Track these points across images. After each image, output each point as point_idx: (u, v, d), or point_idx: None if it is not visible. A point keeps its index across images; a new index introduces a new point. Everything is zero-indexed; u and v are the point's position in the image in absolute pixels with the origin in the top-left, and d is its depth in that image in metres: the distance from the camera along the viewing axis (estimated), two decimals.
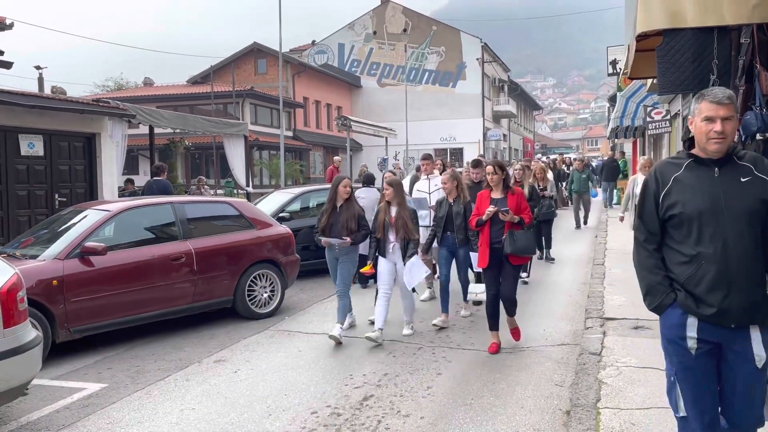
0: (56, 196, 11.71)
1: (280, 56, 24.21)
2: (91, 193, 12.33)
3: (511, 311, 6.36)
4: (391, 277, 6.85)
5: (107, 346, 6.84)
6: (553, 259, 11.62)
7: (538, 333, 6.93)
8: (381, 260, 6.89)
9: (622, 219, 10.62)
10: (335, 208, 6.94)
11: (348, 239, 6.78)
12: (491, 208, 6.05)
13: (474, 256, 6.76)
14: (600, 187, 23.34)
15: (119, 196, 12.83)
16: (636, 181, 10.28)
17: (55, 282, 6.24)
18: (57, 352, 6.42)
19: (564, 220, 17.42)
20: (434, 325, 7.12)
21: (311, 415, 4.81)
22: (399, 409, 4.88)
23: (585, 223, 17.23)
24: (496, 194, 6.20)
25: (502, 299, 6.20)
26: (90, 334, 6.67)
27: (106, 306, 6.64)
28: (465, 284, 7.58)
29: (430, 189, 8.63)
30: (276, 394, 5.27)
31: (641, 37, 6.58)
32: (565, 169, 24.70)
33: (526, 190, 9.10)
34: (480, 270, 6.86)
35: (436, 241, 7.58)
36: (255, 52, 39.06)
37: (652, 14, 5.84)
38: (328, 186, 12.69)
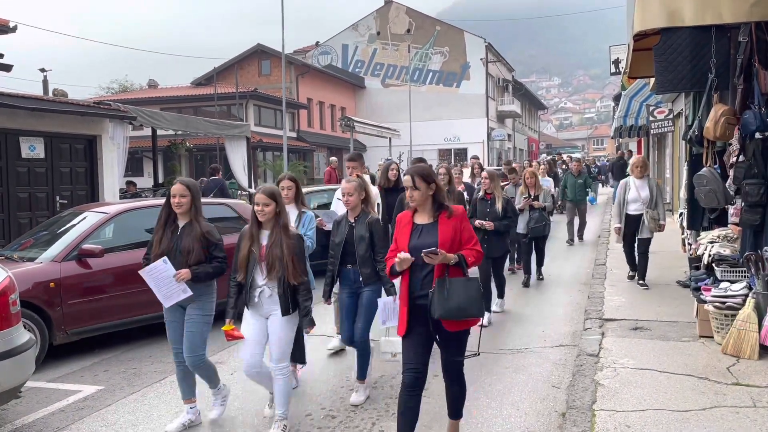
0: (57, 198, 11.74)
1: (282, 57, 24.23)
2: (92, 195, 12.36)
3: (455, 409, 4.21)
4: (258, 345, 4.48)
5: (104, 348, 6.84)
6: (542, 278, 9.81)
7: (536, 334, 6.91)
8: (246, 315, 4.52)
9: (618, 230, 8.85)
10: (177, 228, 4.62)
11: (183, 272, 4.42)
12: (402, 256, 3.74)
13: (383, 302, 4.86)
14: (609, 185, 23.12)
15: (120, 198, 12.85)
16: (627, 186, 8.71)
17: (52, 284, 6.24)
18: (54, 354, 6.42)
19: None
20: (353, 404, 5.03)
21: (305, 417, 4.79)
22: (393, 411, 4.83)
23: (581, 237, 14.37)
24: (422, 218, 3.90)
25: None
26: (87, 337, 6.67)
27: (104, 308, 6.64)
28: (363, 349, 5.15)
29: None
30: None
31: (640, 36, 6.56)
32: (560, 171, 20.22)
33: (499, 205, 7.42)
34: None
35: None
36: (259, 53, 39.14)
37: (649, 13, 5.80)
38: (329, 187, 12.71)
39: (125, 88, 50.60)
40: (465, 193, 9.28)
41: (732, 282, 6.09)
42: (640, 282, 8.58)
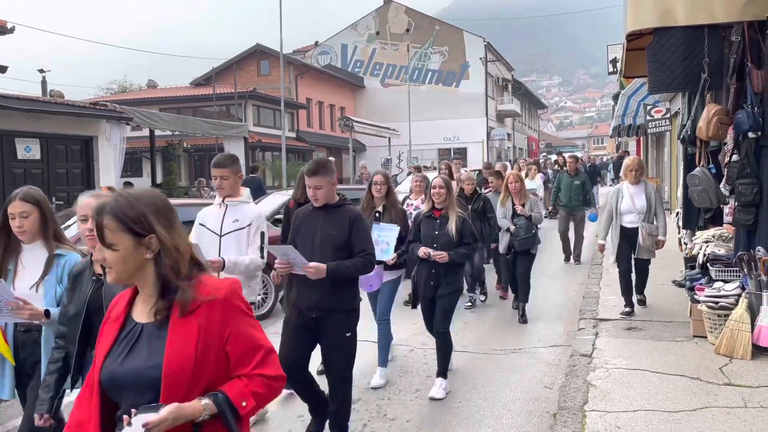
0: (53, 199, 11.74)
1: (281, 57, 24.24)
2: None
3: None
4: None
5: None
6: (524, 320, 7.41)
7: (531, 334, 6.91)
8: None
9: (602, 248, 7.42)
10: None
11: None
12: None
13: None
14: (611, 184, 22.64)
15: None
16: (620, 193, 7.19)
17: None
18: None
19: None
20: None
21: (297, 418, 4.78)
22: (386, 412, 4.85)
23: (577, 258, 11.38)
24: (143, 310, 1.89)
25: None
26: None
27: None
28: None
29: (224, 226, 4.38)
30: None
31: (634, 36, 6.56)
32: (550, 173, 17.86)
33: (452, 225, 5.18)
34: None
35: None
36: (258, 53, 39.13)
37: (642, 13, 5.81)
38: None
39: (124, 89, 50.59)
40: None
41: (726, 282, 6.08)
42: (639, 297, 7.33)
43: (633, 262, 7.24)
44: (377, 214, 5.56)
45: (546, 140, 78.97)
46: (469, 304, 8.16)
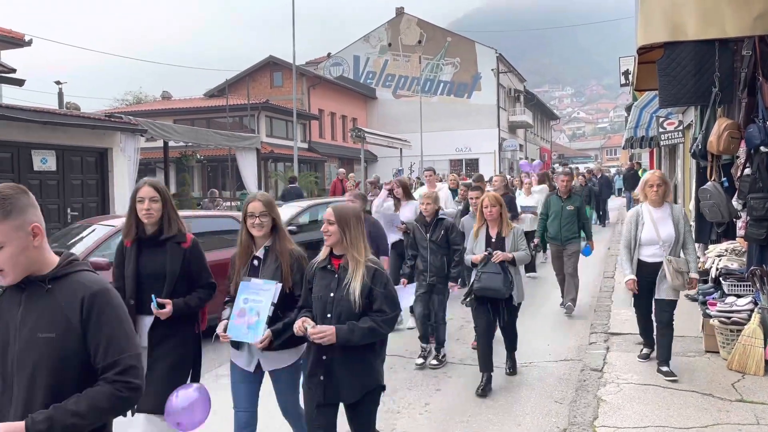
0: (68, 210, 11.88)
1: (293, 69, 24.41)
2: (103, 207, 12.50)
3: None
4: None
5: None
6: (512, 372, 6.00)
7: (542, 348, 6.87)
8: None
9: (633, 284, 5.59)
10: None
11: None
12: None
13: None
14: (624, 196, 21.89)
15: None
16: (639, 218, 5.56)
17: None
18: None
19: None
20: None
21: None
22: (394, 426, 4.85)
23: (572, 303, 8.35)
24: None
25: None
26: None
27: None
28: None
29: None
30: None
31: (645, 50, 6.57)
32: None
33: (357, 284, 3.21)
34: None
35: None
36: (271, 65, 39.42)
37: (652, 27, 5.81)
38: (336, 199, 12.81)
39: (139, 100, 51.08)
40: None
41: (739, 296, 6.04)
42: (664, 369, 5.42)
43: (653, 306, 5.65)
44: (255, 262, 3.69)
45: (558, 151, 78.75)
46: (421, 361, 6.28)
